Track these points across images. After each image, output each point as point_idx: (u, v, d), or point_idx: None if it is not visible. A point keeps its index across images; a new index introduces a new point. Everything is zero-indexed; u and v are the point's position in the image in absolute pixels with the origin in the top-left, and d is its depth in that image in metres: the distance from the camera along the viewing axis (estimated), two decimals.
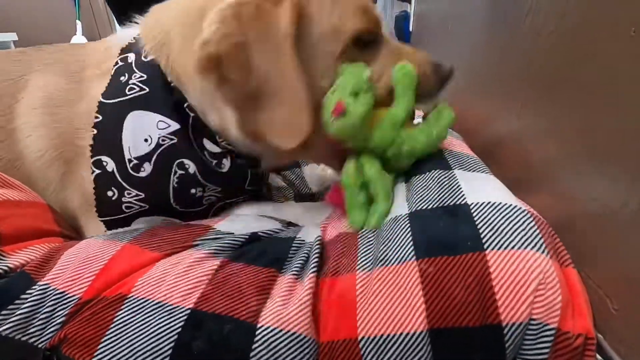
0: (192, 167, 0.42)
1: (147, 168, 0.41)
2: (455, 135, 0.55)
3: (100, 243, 0.38)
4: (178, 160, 0.41)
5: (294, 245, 0.38)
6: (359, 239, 0.37)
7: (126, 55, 0.45)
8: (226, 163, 0.43)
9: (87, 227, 0.46)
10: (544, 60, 0.41)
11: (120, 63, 0.45)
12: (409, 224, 0.34)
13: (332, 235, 0.40)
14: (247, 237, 0.40)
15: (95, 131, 0.42)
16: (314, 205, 0.53)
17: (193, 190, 0.43)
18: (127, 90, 0.42)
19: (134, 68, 0.43)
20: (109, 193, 0.42)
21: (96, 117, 0.42)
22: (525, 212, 0.33)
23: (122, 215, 0.43)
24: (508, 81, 0.52)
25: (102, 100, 0.43)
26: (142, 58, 0.44)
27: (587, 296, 0.30)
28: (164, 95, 0.42)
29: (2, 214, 0.39)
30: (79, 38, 4.08)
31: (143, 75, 0.43)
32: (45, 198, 0.46)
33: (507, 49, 0.51)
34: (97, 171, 0.42)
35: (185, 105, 0.42)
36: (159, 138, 0.41)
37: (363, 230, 0.38)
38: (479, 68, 0.63)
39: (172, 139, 0.41)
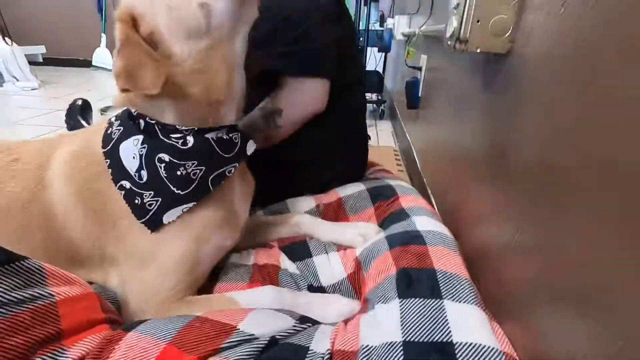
0: (166, 157, 0.55)
1: (144, 174, 0.55)
2: (449, 242, 0.61)
3: (144, 342, 0.46)
4: (156, 157, 0.55)
5: (307, 357, 0.45)
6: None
7: (110, 120, 0.61)
8: (190, 139, 0.56)
9: (118, 258, 0.59)
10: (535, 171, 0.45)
11: (107, 125, 0.61)
12: (402, 356, 0.42)
13: (338, 349, 0.47)
14: (266, 342, 0.47)
15: (110, 170, 0.57)
16: (327, 299, 0.60)
17: (178, 172, 0.55)
18: (112, 135, 0.58)
19: (113, 121, 0.60)
20: (136, 201, 0.56)
21: (106, 162, 0.57)
22: (504, 357, 0.40)
23: (151, 214, 0.55)
24: (505, 184, 0.54)
25: (104, 150, 0.58)
26: (118, 113, 0.60)
27: None
28: (131, 125, 0.57)
29: (63, 312, 0.46)
30: (102, 50, 4.26)
31: (119, 121, 0.59)
32: (76, 235, 0.59)
33: (502, 147, 0.55)
34: (122, 192, 0.56)
35: (147, 119, 0.56)
36: (138, 150, 0.55)
37: (362, 350, 0.45)
38: (475, 155, 0.68)
39: (144, 147, 0.55)
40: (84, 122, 1.32)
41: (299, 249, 0.70)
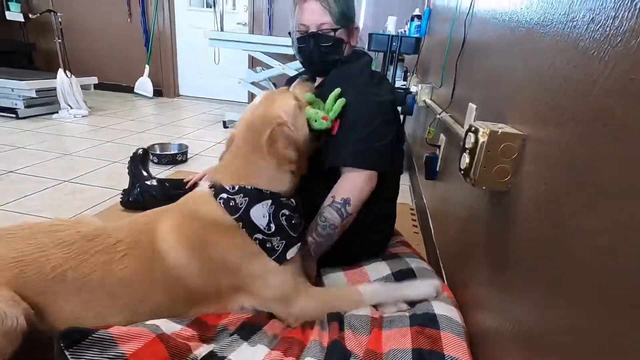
0: (287, 211, 0.83)
1: (272, 226, 0.80)
2: (458, 327, 0.76)
3: None
4: (280, 212, 0.82)
5: None
6: None
7: (220, 194, 0.82)
8: (293, 201, 0.86)
9: (237, 284, 0.82)
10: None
11: (223, 199, 0.81)
12: None
13: None
14: None
15: (244, 229, 0.79)
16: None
17: (293, 221, 0.84)
18: (239, 205, 0.80)
19: (229, 196, 0.81)
20: (267, 245, 0.80)
21: (238, 223, 0.79)
22: None
23: (278, 252, 0.80)
24: (504, 276, 0.65)
25: (234, 217, 0.80)
26: (229, 189, 0.81)
27: None
28: (255, 195, 0.81)
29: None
30: (144, 79, 4.63)
31: (241, 194, 0.81)
32: (192, 282, 0.79)
33: (502, 243, 0.68)
34: (257, 241, 0.80)
35: (265, 191, 0.82)
36: (267, 210, 0.80)
37: None
38: (480, 243, 0.81)
39: (272, 207, 0.81)
40: (143, 171, 1.53)
41: None
